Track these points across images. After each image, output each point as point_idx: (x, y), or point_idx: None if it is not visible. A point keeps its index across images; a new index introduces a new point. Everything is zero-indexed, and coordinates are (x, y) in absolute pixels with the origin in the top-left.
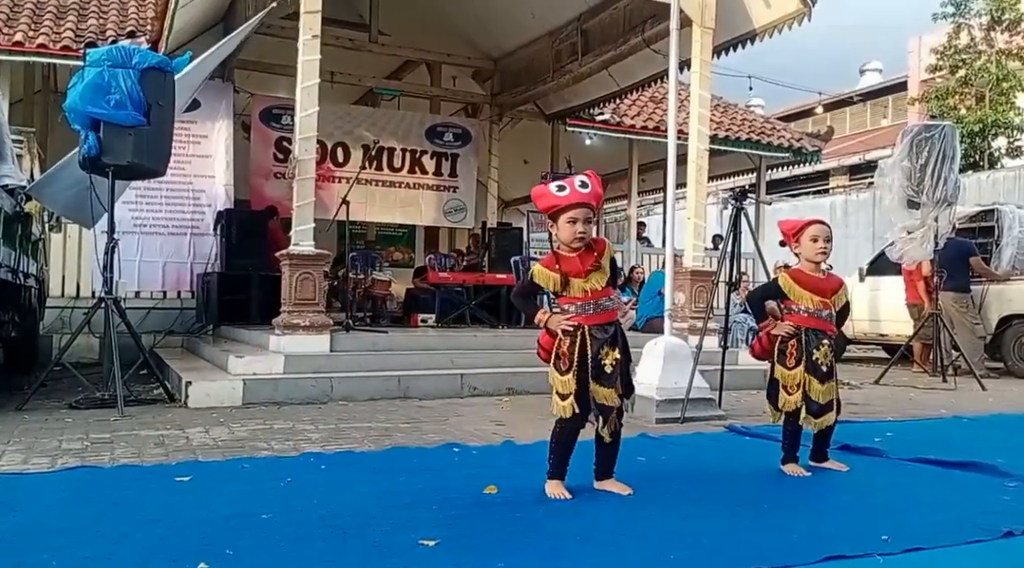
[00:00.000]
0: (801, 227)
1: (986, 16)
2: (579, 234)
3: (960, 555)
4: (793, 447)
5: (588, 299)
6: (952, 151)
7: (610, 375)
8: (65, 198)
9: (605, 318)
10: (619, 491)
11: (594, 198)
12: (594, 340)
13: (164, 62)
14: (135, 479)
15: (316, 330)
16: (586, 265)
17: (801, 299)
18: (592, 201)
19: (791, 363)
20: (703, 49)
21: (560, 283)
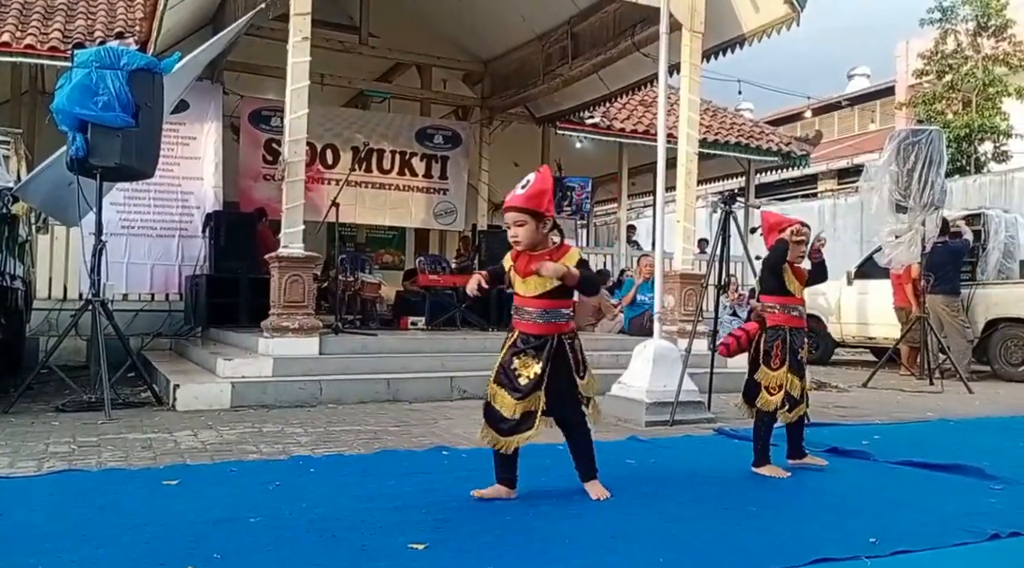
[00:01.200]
0: (786, 224)
1: (972, 22)
2: (510, 238)
3: (946, 557)
4: (767, 448)
5: (522, 302)
6: (939, 156)
7: (521, 388)
8: (49, 196)
9: (535, 328)
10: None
11: (524, 200)
12: (517, 346)
13: (153, 63)
14: (122, 483)
15: (305, 333)
16: (528, 267)
17: (791, 284)
18: (519, 204)
19: (776, 364)
20: (692, 53)
21: (512, 274)
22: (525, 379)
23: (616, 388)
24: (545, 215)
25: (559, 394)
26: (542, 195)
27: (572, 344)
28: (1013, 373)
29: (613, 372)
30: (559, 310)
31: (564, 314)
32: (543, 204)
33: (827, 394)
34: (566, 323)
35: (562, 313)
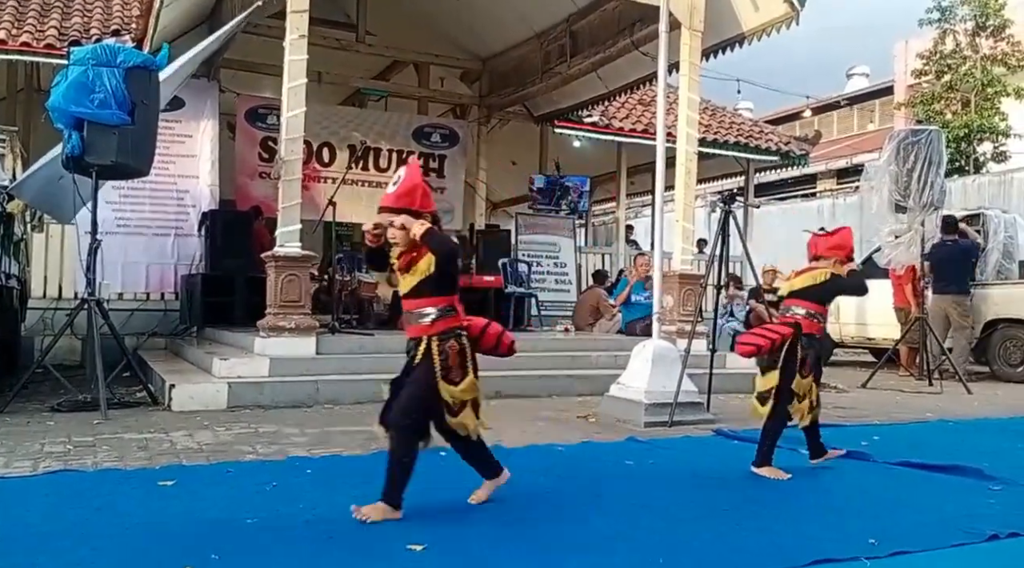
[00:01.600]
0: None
1: (971, 22)
2: (389, 239)
3: (945, 558)
4: (773, 450)
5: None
6: (938, 156)
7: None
8: (40, 192)
9: (408, 330)
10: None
11: (394, 200)
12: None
13: (149, 61)
14: (118, 483)
15: (302, 332)
16: (404, 262)
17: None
18: (390, 204)
19: (806, 372)
20: (691, 52)
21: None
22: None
23: (615, 389)
24: (421, 212)
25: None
26: (413, 191)
27: (441, 347)
28: (1012, 374)
29: (611, 372)
30: (420, 310)
31: (426, 314)
32: (415, 200)
33: (826, 395)
34: (431, 325)
35: (423, 313)
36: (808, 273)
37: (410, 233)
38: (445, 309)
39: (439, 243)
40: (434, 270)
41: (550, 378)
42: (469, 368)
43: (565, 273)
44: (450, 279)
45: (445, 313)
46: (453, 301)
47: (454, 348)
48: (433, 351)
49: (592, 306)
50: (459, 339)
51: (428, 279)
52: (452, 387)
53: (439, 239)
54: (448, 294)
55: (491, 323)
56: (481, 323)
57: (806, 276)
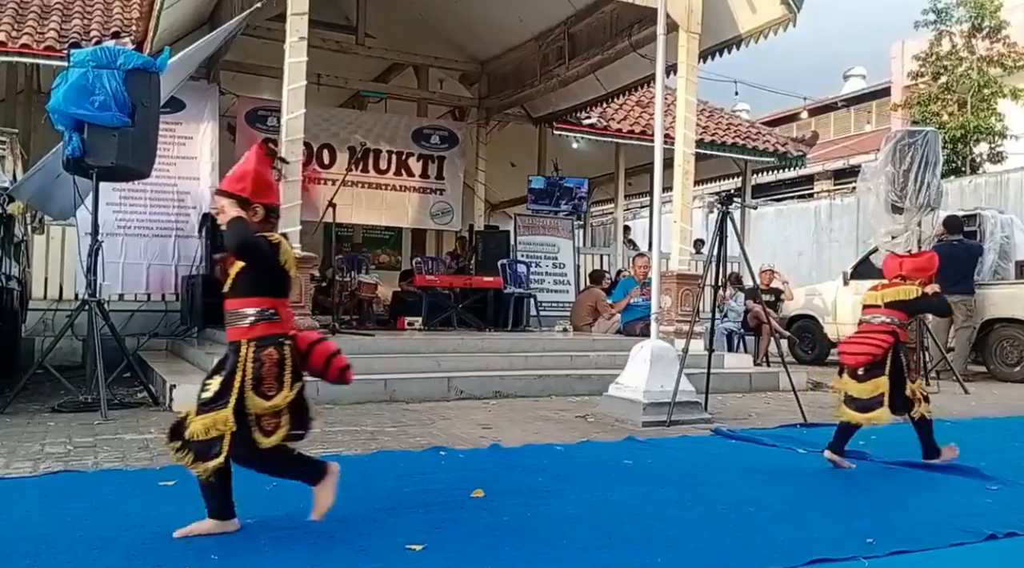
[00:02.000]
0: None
1: (967, 23)
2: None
3: (943, 558)
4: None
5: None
6: (935, 157)
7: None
8: (39, 190)
9: (228, 333)
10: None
11: (227, 183)
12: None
13: (149, 63)
14: (119, 483)
15: None
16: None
17: None
18: (223, 186)
19: (915, 376)
20: (689, 54)
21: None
22: (207, 393)
23: (613, 388)
24: (252, 202)
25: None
26: (244, 177)
27: (255, 354)
28: (1009, 373)
29: (610, 372)
30: (238, 311)
31: (245, 315)
32: (247, 188)
33: (824, 394)
34: (249, 328)
35: (242, 314)
36: (899, 288)
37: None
38: (266, 312)
39: (231, 235)
40: (241, 269)
41: (549, 378)
42: (286, 382)
43: (564, 274)
44: (266, 280)
45: (266, 317)
46: (276, 305)
47: (271, 357)
48: (248, 358)
49: (590, 306)
50: (279, 347)
51: (241, 278)
52: (262, 401)
53: (234, 231)
54: (270, 296)
55: (325, 341)
56: (312, 338)
57: (896, 290)
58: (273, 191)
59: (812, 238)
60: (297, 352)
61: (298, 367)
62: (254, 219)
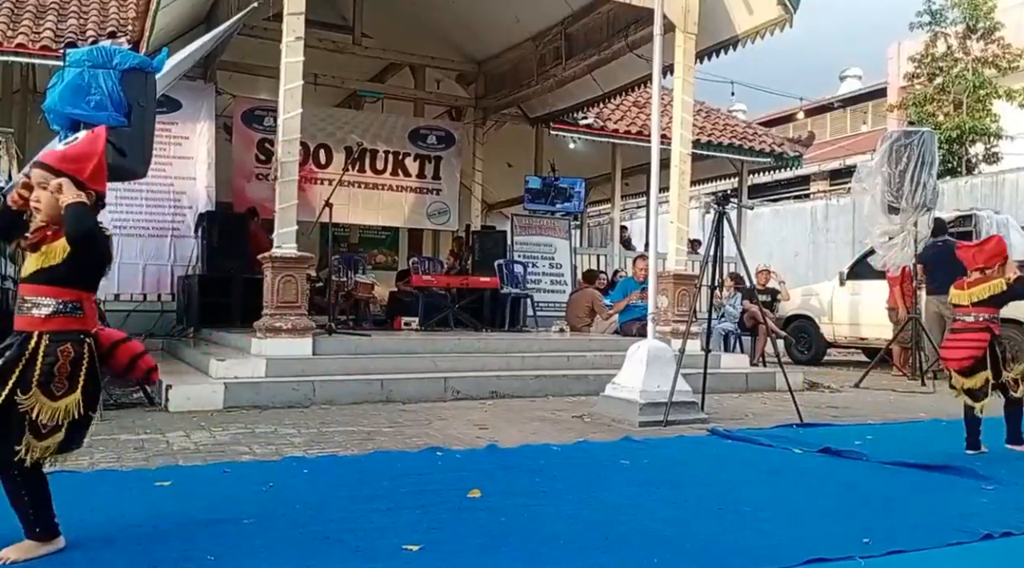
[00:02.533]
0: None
1: (962, 24)
2: (32, 203)
3: (940, 558)
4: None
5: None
6: (931, 157)
7: None
8: None
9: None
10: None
11: (58, 159)
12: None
13: (145, 63)
14: (114, 484)
15: (298, 333)
16: (35, 238)
17: None
18: (50, 161)
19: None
20: (686, 54)
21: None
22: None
23: (610, 388)
24: (87, 187)
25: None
26: (86, 158)
27: (50, 348)
28: None
29: (606, 372)
30: (39, 298)
31: (44, 305)
32: (85, 170)
33: (820, 394)
34: (45, 320)
35: (41, 303)
36: (984, 284)
37: (60, 201)
38: (69, 305)
39: (77, 220)
40: (66, 257)
41: (546, 378)
42: (79, 383)
43: (561, 274)
44: (84, 272)
45: (68, 310)
46: (83, 298)
47: (67, 354)
48: (40, 352)
49: (587, 306)
50: (79, 344)
51: (58, 266)
52: (49, 401)
53: (80, 216)
54: (78, 288)
55: (130, 341)
56: (116, 336)
57: (984, 287)
58: (104, 182)
59: (808, 238)
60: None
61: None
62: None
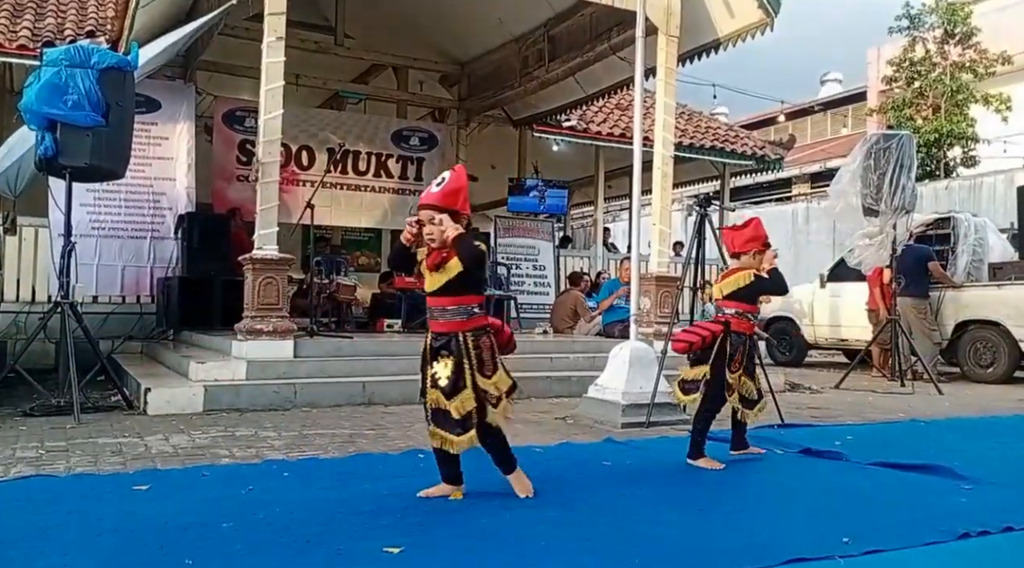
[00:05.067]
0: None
1: (940, 29)
2: (426, 236)
3: (918, 557)
4: (703, 441)
5: (430, 300)
6: (909, 160)
7: (443, 387)
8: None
9: (435, 326)
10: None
11: (440, 198)
12: (432, 346)
13: (124, 62)
14: (91, 488)
15: (279, 335)
16: (433, 260)
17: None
18: (435, 201)
19: (735, 367)
20: (668, 57)
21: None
22: (445, 380)
23: (592, 390)
24: (460, 213)
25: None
26: (457, 193)
27: (477, 341)
28: (982, 374)
29: (589, 374)
30: (462, 306)
31: (466, 310)
32: (458, 202)
33: (800, 395)
34: (469, 320)
35: (465, 309)
36: (733, 276)
37: (444, 234)
38: (474, 307)
39: (467, 250)
40: (460, 272)
41: (528, 380)
42: (500, 363)
43: (544, 276)
44: (476, 281)
45: (474, 312)
46: (481, 301)
47: (486, 344)
48: (469, 345)
49: (571, 308)
50: (489, 336)
51: (456, 278)
52: (488, 380)
53: (468, 246)
54: (477, 294)
55: (503, 324)
56: (497, 323)
57: (731, 280)
58: (469, 205)
59: (790, 241)
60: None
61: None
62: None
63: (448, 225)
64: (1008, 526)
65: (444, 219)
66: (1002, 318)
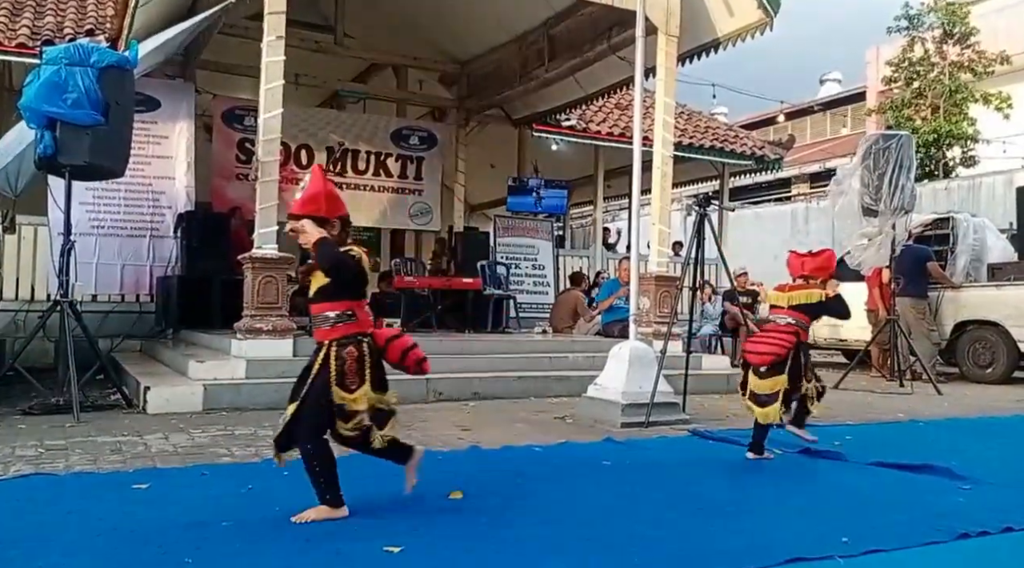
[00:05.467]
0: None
1: (938, 29)
2: (301, 245)
3: (917, 557)
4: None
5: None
6: (909, 160)
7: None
8: None
9: (315, 334)
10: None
11: (299, 206)
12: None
13: (123, 60)
14: (91, 487)
15: (279, 334)
16: (308, 268)
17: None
18: (295, 210)
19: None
20: (668, 57)
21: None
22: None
23: (592, 390)
24: (328, 218)
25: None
26: (316, 198)
27: (340, 351)
28: (981, 375)
29: (589, 374)
30: (324, 314)
31: (331, 317)
32: (320, 207)
33: None
34: (334, 328)
35: (326, 317)
36: (804, 291)
37: (307, 240)
38: (345, 314)
39: (323, 255)
40: (329, 278)
41: (528, 379)
42: (367, 377)
43: (543, 275)
44: (347, 286)
45: (345, 318)
46: (355, 307)
47: (352, 354)
48: (331, 356)
49: (571, 308)
50: (359, 345)
51: (329, 285)
52: (346, 394)
53: (324, 251)
54: (349, 299)
55: (401, 336)
56: (388, 334)
57: (803, 293)
58: (342, 204)
59: (789, 241)
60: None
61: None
62: (332, 233)
63: (310, 231)
64: (1007, 526)
65: (305, 224)
66: (1001, 318)
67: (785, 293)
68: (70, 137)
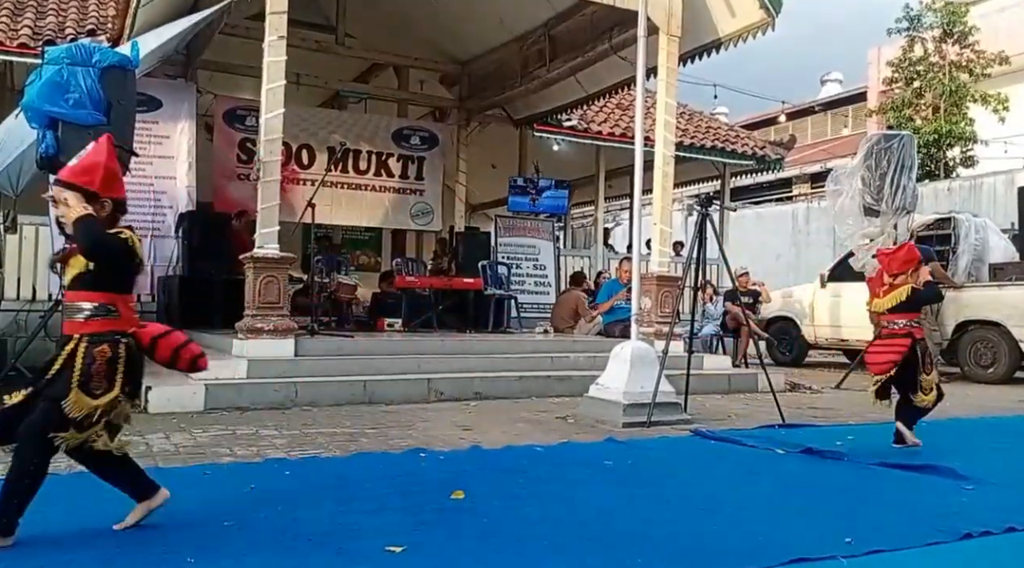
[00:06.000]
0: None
1: (938, 29)
2: (58, 217)
3: (920, 557)
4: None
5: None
6: (910, 160)
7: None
8: None
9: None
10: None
11: (70, 174)
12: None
13: (125, 60)
14: (92, 486)
15: (280, 334)
16: (69, 250)
17: None
18: (64, 177)
19: (929, 368)
20: (669, 57)
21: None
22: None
23: (593, 389)
24: (100, 196)
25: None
26: (94, 169)
27: (90, 350)
28: (983, 375)
29: (590, 374)
30: (77, 305)
31: (83, 309)
32: (95, 181)
33: (801, 395)
34: (88, 322)
35: (79, 308)
36: (892, 294)
37: (69, 216)
38: (104, 307)
39: (83, 236)
40: (91, 265)
41: (529, 379)
42: (117, 381)
43: (544, 275)
44: (111, 276)
45: (104, 312)
46: (118, 301)
47: (104, 354)
48: (78, 353)
49: (572, 308)
50: (114, 345)
51: (87, 272)
52: (88, 399)
53: (85, 231)
54: (111, 291)
55: (171, 333)
56: (155, 331)
57: (891, 296)
58: (121, 184)
59: (790, 241)
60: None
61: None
62: (101, 213)
63: (73, 205)
64: (1010, 526)
65: (68, 196)
66: (1003, 318)
67: (882, 299)
68: (72, 137)
